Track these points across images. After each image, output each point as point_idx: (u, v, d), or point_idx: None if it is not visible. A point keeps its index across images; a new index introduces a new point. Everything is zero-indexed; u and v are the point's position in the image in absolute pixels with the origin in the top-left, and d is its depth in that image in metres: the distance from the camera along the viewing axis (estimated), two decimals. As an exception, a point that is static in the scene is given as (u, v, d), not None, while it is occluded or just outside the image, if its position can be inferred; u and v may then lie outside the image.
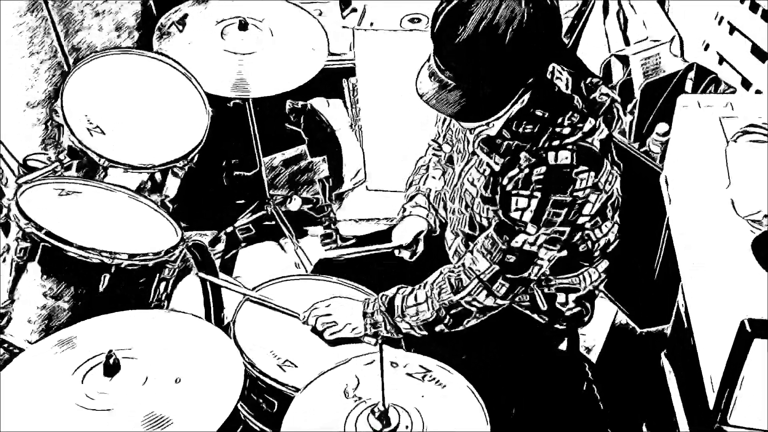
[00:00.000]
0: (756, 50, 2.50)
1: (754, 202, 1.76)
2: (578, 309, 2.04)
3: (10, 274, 2.06)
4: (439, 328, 1.91)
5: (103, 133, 2.32)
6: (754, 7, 2.49)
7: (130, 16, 3.00)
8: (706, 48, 2.67)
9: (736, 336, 1.55)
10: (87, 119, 2.32)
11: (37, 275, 2.04)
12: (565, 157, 1.73)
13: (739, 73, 2.57)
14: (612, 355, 2.60)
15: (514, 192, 1.77)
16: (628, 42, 2.81)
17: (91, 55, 2.41)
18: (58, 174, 2.28)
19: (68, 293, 2.05)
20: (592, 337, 2.65)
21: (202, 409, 1.65)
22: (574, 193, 1.74)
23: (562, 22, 1.73)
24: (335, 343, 1.94)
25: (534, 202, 1.75)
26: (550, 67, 1.79)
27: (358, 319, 1.94)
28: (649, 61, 2.72)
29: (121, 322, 1.85)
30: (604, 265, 2.02)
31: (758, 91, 2.50)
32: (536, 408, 2.16)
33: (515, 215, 1.78)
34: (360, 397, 1.68)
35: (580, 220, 1.80)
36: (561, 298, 2.01)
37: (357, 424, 1.64)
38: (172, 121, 2.43)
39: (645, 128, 2.67)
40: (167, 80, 2.48)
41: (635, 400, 2.34)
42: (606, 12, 2.86)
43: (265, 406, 1.84)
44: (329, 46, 2.68)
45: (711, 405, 1.67)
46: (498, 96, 1.73)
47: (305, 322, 1.96)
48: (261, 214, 3.06)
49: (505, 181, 1.79)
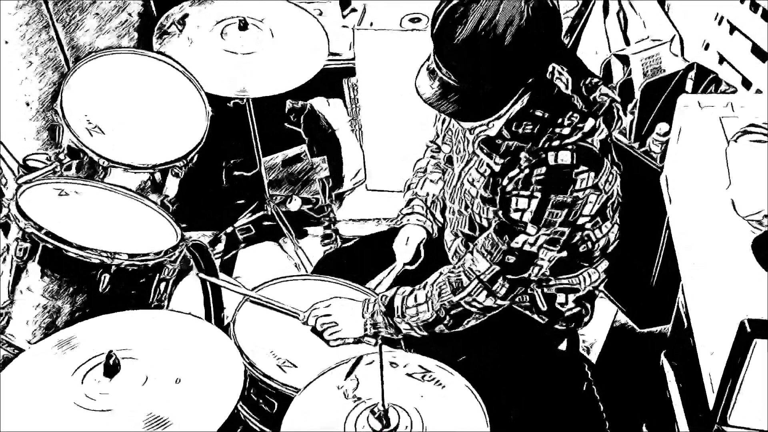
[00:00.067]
0: (756, 50, 2.49)
1: (755, 202, 1.75)
2: (578, 309, 2.04)
3: (10, 274, 2.06)
4: (439, 329, 1.91)
5: (103, 133, 2.32)
6: (755, 7, 2.48)
7: (130, 15, 3.00)
8: (707, 48, 2.67)
9: (736, 336, 1.55)
10: (87, 119, 2.32)
11: (37, 275, 2.04)
12: (565, 158, 1.73)
13: (740, 73, 2.56)
14: (612, 355, 2.60)
15: (514, 192, 1.77)
16: (628, 42, 2.80)
17: (91, 55, 2.41)
18: (58, 174, 2.28)
19: (68, 293, 2.05)
20: (592, 337, 2.65)
21: (202, 410, 1.64)
22: (575, 194, 1.74)
23: (562, 22, 1.72)
24: (335, 344, 1.94)
25: (534, 203, 1.75)
26: (550, 68, 1.79)
27: (358, 320, 1.94)
28: (649, 61, 2.72)
29: (121, 322, 1.85)
30: (604, 265, 2.02)
31: (758, 91, 2.50)
32: (536, 408, 2.16)
33: (515, 216, 1.77)
34: (360, 397, 1.68)
35: (580, 221, 1.80)
36: (561, 299, 2.01)
37: (357, 424, 1.64)
38: (172, 121, 2.43)
39: (645, 128, 2.67)
40: (167, 80, 2.47)
41: (635, 400, 2.34)
42: (606, 12, 2.85)
43: (265, 406, 1.84)
44: (329, 46, 2.68)
45: (711, 405, 1.67)
46: (498, 96, 1.73)
47: (305, 323, 1.96)
48: (261, 214, 3.06)
49: (505, 182, 1.79)
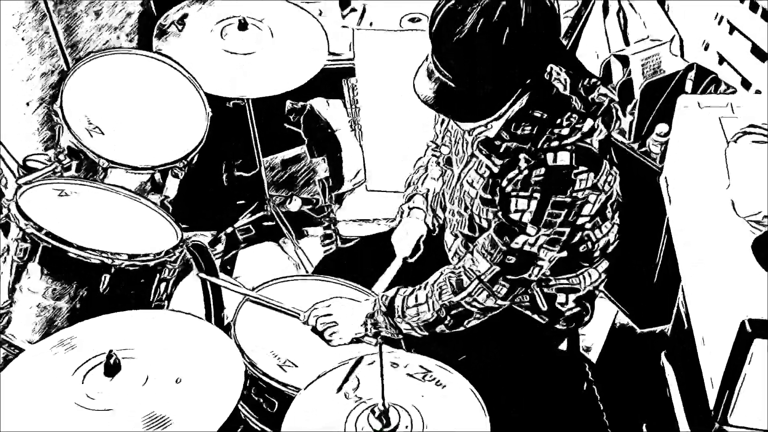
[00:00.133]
0: (756, 50, 2.49)
1: (754, 203, 1.75)
2: (578, 309, 2.04)
3: (10, 275, 2.07)
4: (439, 329, 1.91)
5: (103, 134, 2.32)
6: (754, 7, 2.49)
7: (130, 16, 3.00)
8: (706, 48, 2.67)
9: (736, 336, 1.55)
10: (87, 119, 2.32)
11: (37, 275, 2.04)
12: (564, 158, 1.73)
13: (739, 74, 2.57)
14: (612, 355, 2.60)
15: (514, 193, 1.77)
16: (627, 42, 2.80)
17: (91, 55, 2.41)
18: (58, 174, 2.28)
19: (68, 293, 2.05)
20: (592, 337, 2.64)
21: (202, 409, 1.65)
22: (574, 194, 1.74)
23: (561, 22, 1.72)
24: (335, 344, 1.94)
25: (534, 204, 1.75)
26: (549, 68, 1.78)
27: (358, 320, 1.94)
28: (648, 62, 2.72)
29: (121, 322, 1.85)
30: (604, 265, 2.02)
31: (758, 91, 2.50)
32: (536, 408, 2.16)
33: (515, 216, 1.77)
34: (360, 397, 1.68)
35: (580, 221, 1.80)
36: (561, 299, 2.01)
37: (357, 424, 1.64)
38: (172, 122, 2.43)
39: (645, 129, 2.67)
40: (167, 80, 2.47)
41: (635, 400, 2.34)
42: (606, 12, 2.85)
43: (265, 406, 1.84)
44: (329, 46, 2.68)
45: (711, 405, 1.67)
46: (496, 96, 1.73)
47: (305, 323, 1.96)
48: (261, 214, 3.06)
49: (505, 183, 1.79)
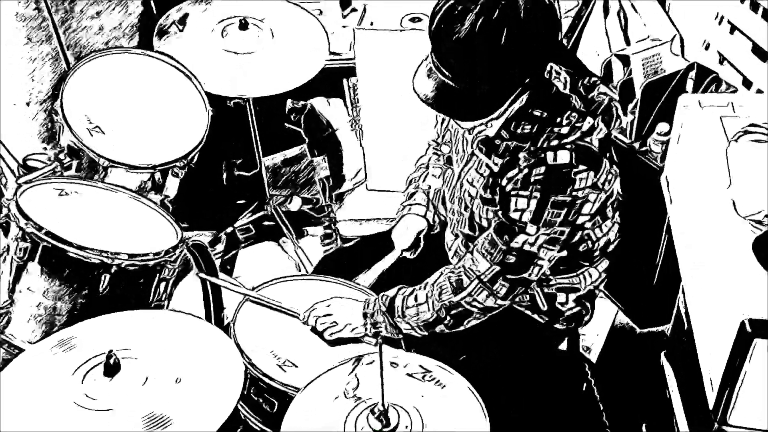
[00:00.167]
0: (757, 50, 2.49)
1: (755, 202, 1.75)
2: (578, 309, 2.03)
3: (10, 274, 2.07)
4: (439, 329, 1.91)
5: (103, 133, 2.32)
6: (755, 7, 2.49)
7: (130, 15, 3.00)
8: (707, 47, 2.67)
9: (736, 336, 1.55)
10: (87, 119, 2.32)
11: (37, 275, 2.04)
12: (564, 157, 1.73)
13: (740, 73, 2.57)
14: (612, 355, 2.60)
15: (514, 192, 1.77)
16: (628, 41, 2.80)
17: (91, 55, 2.41)
18: (58, 174, 2.28)
19: (68, 293, 2.05)
20: (592, 337, 2.64)
21: (202, 409, 1.64)
22: (574, 193, 1.74)
23: (561, 21, 1.72)
24: (335, 344, 1.94)
25: (533, 203, 1.75)
26: (549, 67, 1.78)
27: (358, 320, 1.94)
28: (649, 61, 2.71)
29: (121, 322, 1.85)
30: (604, 264, 2.02)
31: (759, 91, 2.50)
32: (536, 408, 2.16)
33: (515, 216, 1.77)
34: (360, 397, 1.68)
35: (580, 220, 1.80)
36: (561, 298, 2.01)
37: (357, 424, 1.63)
38: (172, 121, 2.43)
39: (646, 128, 2.67)
40: (167, 80, 2.47)
41: (635, 400, 2.34)
42: (606, 12, 2.85)
43: (265, 406, 1.84)
44: (329, 46, 2.68)
45: (711, 405, 1.67)
46: (496, 95, 1.73)
47: (305, 323, 1.96)
48: (261, 214, 3.06)
49: (505, 182, 1.79)
